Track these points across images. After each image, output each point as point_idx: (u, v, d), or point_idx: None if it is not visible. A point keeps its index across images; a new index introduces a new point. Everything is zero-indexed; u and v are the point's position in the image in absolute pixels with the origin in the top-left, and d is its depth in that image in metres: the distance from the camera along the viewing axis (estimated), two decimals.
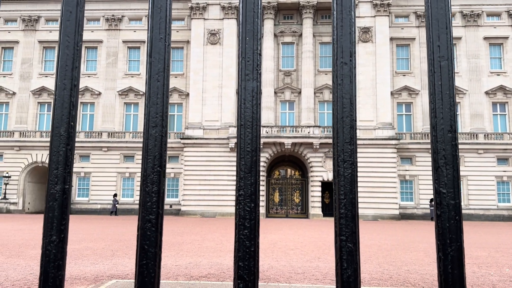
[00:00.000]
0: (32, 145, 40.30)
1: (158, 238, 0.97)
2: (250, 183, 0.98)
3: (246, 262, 0.94)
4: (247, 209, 0.97)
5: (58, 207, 0.96)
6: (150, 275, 0.94)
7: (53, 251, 0.93)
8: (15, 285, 7.71)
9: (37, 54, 42.29)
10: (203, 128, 38.15)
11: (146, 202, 0.98)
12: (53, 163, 0.97)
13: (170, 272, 9.46)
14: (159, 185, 0.98)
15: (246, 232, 0.96)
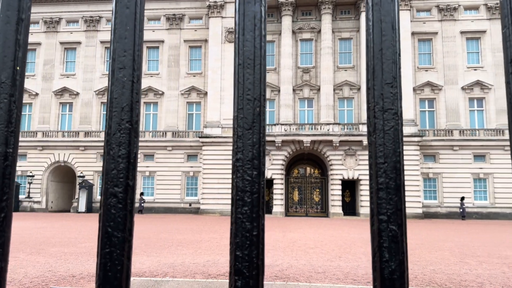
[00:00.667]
0: (54, 145, 41.05)
1: (127, 218, 0.72)
2: (251, 143, 0.72)
3: (245, 251, 0.69)
4: (247, 179, 0.72)
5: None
6: (115, 267, 0.70)
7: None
8: (33, 282, 7.70)
9: (58, 55, 43.08)
10: (221, 127, 38.07)
11: (110, 169, 0.74)
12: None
13: (188, 270, 9.35)
14: (128, 147, 0.73)
15: (246, 210, 0.71)
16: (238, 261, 0.69)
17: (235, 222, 0.71)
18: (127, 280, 0.71)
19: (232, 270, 0.70)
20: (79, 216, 33.17)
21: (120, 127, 0.73)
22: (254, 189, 0.71)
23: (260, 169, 0.72)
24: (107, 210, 0.73)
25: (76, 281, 7.99)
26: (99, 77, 42.38)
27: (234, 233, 0.70)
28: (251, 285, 0.68)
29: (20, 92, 0.77)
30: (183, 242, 15.12)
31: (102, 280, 0.70)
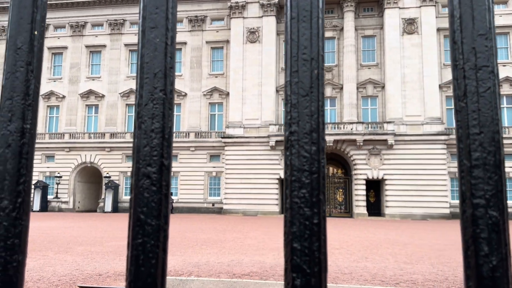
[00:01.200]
0: (81, 146, 42.01)
1: (162, 203, 0.61)
2: (308, 112, 0.60)
3: (305, 242, 0.57)
4: (304, 155, 0.60)
5: (12, 156, 0.63)
6: (149, 261, 0.60)
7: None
8: (61, 280, 7.81)
9: (84, 58, 44.09)
10: (243, 127, 38.08)
11: (142, 146, 0.63)
12: (6, 90, 0.64)
13: (213, 270, 9.32)
14: (163, 120, 0.63)
15: (304, 193, 0.59)
16: (296, 254, 0.57)
17: (291, 208, 0.59)
18: (162, 276, 0.61)
19: (289, 265, 0.58)
20: (105, 216, 33.81)
21: (152, 97, 0.63)
22: (314, 168, 0.59)
23: (320, 144, 0.61)
24: (139, 193, 0.63)
25: (103, 279, 8.07)
26: (124, 80, 43.14)
27: (289, 221, 0.59)
28: (312, 284, 0.56)
29: (38, 60, 0.68)
30: (207, 241, 15.15)
31: (134, 276, 0.60)
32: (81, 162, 42.08)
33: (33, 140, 0.69)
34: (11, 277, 0.65)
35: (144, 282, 0.60)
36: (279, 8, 39.68)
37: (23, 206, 0.66)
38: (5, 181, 0.66)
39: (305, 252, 0.57)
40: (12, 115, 0.67)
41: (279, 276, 8.67)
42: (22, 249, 0.66)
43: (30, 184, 0.69)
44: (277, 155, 37.01)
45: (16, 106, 0.67)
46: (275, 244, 14.62)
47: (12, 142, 0.66)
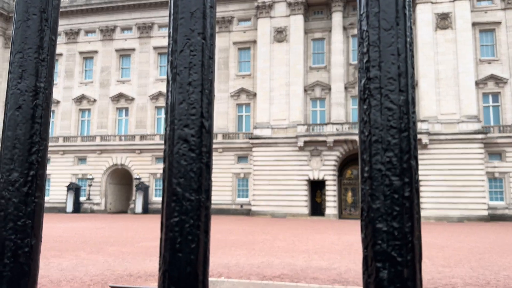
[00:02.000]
0: (112, 149, 42.99)
1: (202, 174, 0.49)
2: (393, 50, 0.46)
3: (394, 222, 0.43)
4: (389, 107, 0.47)
5: (23, 119, 0.52)
6: (188, 245, 0.47)
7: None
8: (93, 280, 7.94)
9: (114, 62, 45.15)
10: (271, 128, 37.88)
11: (177, 102, 0.51)
12: (16, 42, 0.53)
13: (243, 271, 9.25)
14: (201, 71, 0.50)
15: (390, 156, 0.45)
16: (382, 238, 0.44)
17: (370, 176, 0.45)
18: (205, 264, 0.48)
19: (370, 252, 0.45)
20: (136, 217, 34.43)
21: (189, 41, 0.51)
22: (403, 124, 0.46)
23: (408, 92, 0.47)
24: (174, 161, 0.51)
25: (134, 280, 8.13)
26: (153, 82, 43.86)
27: (369, 194, 0.45)
28: (405, 275, 0.43)
29: (54, 8, 0.57)
30: (236, 243, 15.09)
31: (170, 263, 0.48)
32: (112, 164, 43.04)
33: (49, 102, 0.58)
34: (23, 265, 0.54)
35: (181, 271, 0.48)
36: (306, 6, 39.28)
37: (36, 180, 0.56)
38: (15, 150, 0.56)
39: (393, 234, 0.44)
40: (23, 71, 0.56)
41: (311, 279, 8.48)
42: (35, 231, 0.55)
43: (45, 154, 0.58)
44: (306, 156, 36.60)
45: (28, 60, 0.56)
46: (305, 246, 14.40)
47: (23, 103, 0.56)
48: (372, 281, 0.45)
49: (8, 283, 0.53)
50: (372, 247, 0.45)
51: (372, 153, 0.47)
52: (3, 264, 0.54)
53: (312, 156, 36.44)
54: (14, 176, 0.55)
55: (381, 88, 0.48)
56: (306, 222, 29.85)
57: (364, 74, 0.49)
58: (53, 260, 10.21)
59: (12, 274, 0.54)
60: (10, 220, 0.54)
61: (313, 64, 39.03)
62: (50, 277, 8.11)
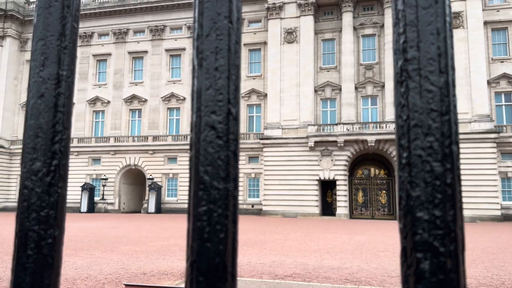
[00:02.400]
0: (125, 149, 43.42)
1: (230, 162, 0.48)
2: (434, 30, 0.43)
3: (436, 210, 0.41)
4: (430, 89, 0.44)
5: (45, 108, 0.51)
6: (217, 235, 0.46)
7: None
8: (108, 279, 7.99)
9: (127, 64, 45.61)
10: (281, 128, 37.84)
11: (204, 88, 0.49)
12: (38, 29, 0.52)
13: (255, 270, 9.24)
14: (228, 56, 0.49)
15: (431, 141, 0.43)
16: (423, 227, 0.41)
17: (409, 163, 0.43)
18: (233, 255, 0.47)
19: (409, 243, 0.42)
20: (149, 217, 34.67)
21: (215, 25, 0.49)
22: (443, 107, 0.43)
23: (449, 74, 0.44)
24: (201, 149, 0.50)
25: (147, 278, 8.16)
26: (165, 84, 44.24)
27: (408, 182, 0.43)
28: (448, 267, 0.40)
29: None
30: (248, 242, 15.09)
31: (198, 254, 0.46)
32: (125, 165, 43.44)
33: (71, 91, 0.58)
34: (46, 257, 0.53)
35: (210, 262, 0.47)
36: (316, 7, 39.17)
37: (59, 171, 0.55)
38: (38, 139, 0.55)
39: (435, 223, 0.41)
40: (46, 59, 0.56)
41: (323, 278, 8.44)
42: (58, 222, 0.54)
43: (68, 144, 0.57)
44: (316, 156, 36.47)
45: (51, 48, 0.56)
46: (316, 245, 14.34)
47: (45, 91, 0.56)
48: (412, 272, 0.42)
49: (31, 275, 0.52)
50: (412, 237, 0.43)
51: (411, 138, 0.45)
52: (26, 255, 0.53)
53: (323, 156, 36.29)
54: (37, 165, 0.55)
55: (420, 70, 0.45)
56: (317, 221, 29.73)
57: (400, 55, 0.47)
58: (68, 259, 10.31)
59: (35, 266, 0.53)
60: (33, 211, 0.53)
61: (323, 65, 38.89)
62: (65, 275, 8.19)
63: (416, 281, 0.43)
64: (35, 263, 0.53)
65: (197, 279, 0.47)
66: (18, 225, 0.54)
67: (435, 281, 0.42)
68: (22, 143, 0.57)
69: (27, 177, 0.54)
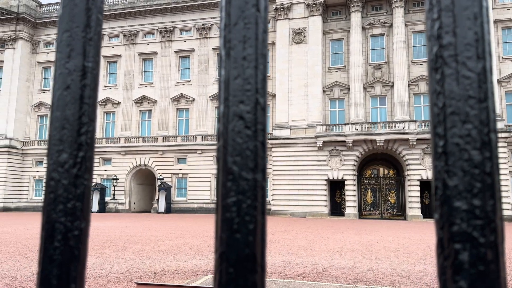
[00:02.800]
0: (136, 150, 43.76)
1: (258, 152, 0.47)
2: (471, 15, 0.42)
3: (475, 199, 0.40)
4: (467, 75, 0.44)
5: (72, 99, 0.51)
6: (246, 226, 0.45)
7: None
8: (119, 278, 8.04)
9: (137, 66, 45.95)
10: (290, 128, 37.79)
11: (232, 78, 0.50)
12: (63, 20, 0.52)
13: None
14: (256, 45, 0.48)
15: (469, 129, 0.42)
16: (461, 217, 0.40)
17: (448, 152, 0.41)
18: (262, 247, 0.46)
19: (446, 234, 0.41)
20: (159, 216, 34.86)
21: (243, 14, 0.49)
22: (482, 95, 0.42)
23: (486, 60, 0.43)
24: (230, 139, 0.50)
25: (158, 277, 8.17)
26: (174, 85, 44.50)
27: (445, 171, 0.41)
28: (488, 258, 0.39)
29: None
30: None
31: (227, 245, 0.46)
32: (136, 165, 43.77)
33: (96, 83, 0.57)
34: (73, 249, 0.53)
35: (240, 253, 0.46)
36: (325, 7, 39.04)
37: (85, 162, 0.55)
38: (64, 130, 0.55)
39: (474, 213, 0.41)
40: (71, 50, 0.55)
41: (333, 278, 8.40)
42: (84, 214, 0.54)
43: (93, 136, 0.58)
44: (325, 156, 36.35)
45: (76, 39, 0.55)
46: (326, 245, 14.27)
47: (71, 82, 0.55)
48: (450, 264, 0.41)
49: (58, 267, 0.52)
50: (449, 227, 0.42)
51: (448, 126, 0.43)
52: (53, 247, 0.53)
53: (331, 156, 36.17)
54: (63, 157, 0.54)
55: (457, 55, 0.44)
56: (326, 221, 29.62)
57: (435, 41, 0.46)
58: None
59: (62, 258, 0.53)
60: (60, 202, 0.53)
61: (331, 65, 38.76)
62: None
63: (455, 273, 0.42)
64: (62, 255, 0.53)
65: (226, 270, 0.47)
66: (45, 217, 0.54)
67: (474, 273, 0.41)
68: (48, 134, 0.57)
69: (54, 169, 0.54)
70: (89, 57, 0.56)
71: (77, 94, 0.55)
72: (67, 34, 0.56)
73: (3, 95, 46.67)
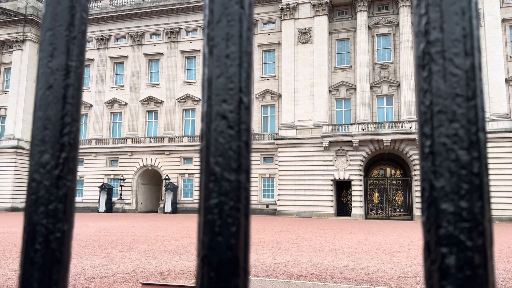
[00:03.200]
0: (142, 150, 43.94)
1: (242, 152, 0.46)
2: (458, 9, 0.41)
3: (462, 201, 0.40)
4: (454, 73, 0.43)
5: (54, 99, 0.50)
6: (228, 229, 0.44)
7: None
8: (125, 277, 8.04)
9: (143, 66, 46.13)
10: (296, 128, 37.70)
11: (214, 76, 0.48)
12: (46, 19, 0.51)
13: (270, 270, 9.19)
14: (240, 43, 0.47)
15: (457, 128, 0.42)
16: (447, 219, 0.38)
17: (435, 152, 0.40)
18: (245, 250, 0.44)
19: (433, 236, 0.39)
20: (165, 216, 34.95)
21: (226, 11, 0.48)
22: (469, 92, 0.40)
23: (475, 56, 0.41)
24: (212, 139, 0.48)
25: (164, 277, 8.16)
26: (180, 86, 44.63)
27: (432, 172, 0.40)
28: (475, 262, 0.37)
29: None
30: (263, 242, 15.02)
31: (209, 248, 0.44)
32: (142, 165, 43.95)
33: (80, 82, 0.56)
34: (55, 251, 0.52)
35: (222, 257, 0.45)
36: (331, 7, 38.92)
37: (68, 163, 0.54)
38: (46, 131, 0.54)
39: (461, 215, 0.39)
40: (54, 49, 0.55)
41: (338, 279, 8.34)
42: (67, 216, 0.53)
43: (77, 137, 0.56)
44: (331, 156, 36.23)
45: (59, 38, 0.55)
46: (332, 246, 14.20)
47: (54, 82, 0.54)
48: (437, 268, 0.39)
49: (39, 270, 0.51)
50: (435, 230, 0.40)
51: (435, 125, 0.42)
52: (34, 249, 0.52)
53: (338, 156, 36.03)
54: (45, 158, 0.53)
55: (444, 52, 0.42)
56: (332, 222, 29.50)
57: (423, 38, 0.44)
58: (86, 258, 10.43)
59: (44, 261, 0.52)
60: (41, 204, 0.52)
61: (337, 65, 38.63)
62: (83, 274, 8.28)
63: (441, 277, 0.40)
64: (43, 257, 0.52)
65: (208, 275, 0.46)
66: (27, 219, 0.53)
67: (461, 277, 0.40)
68: (31, 135, 0.56)
69: (35, 170, 0.53)
70: (72, 56, 0.55)
71: (60, 93, 0.54)
72: (49, 32, 0.55)
73: (11, 96, 47.09)
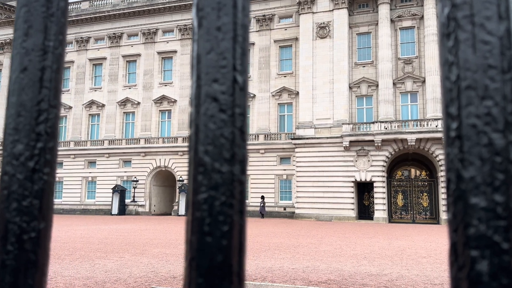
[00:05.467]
0: (155, 151, 43.15)
1: (235, 140, 0.43)
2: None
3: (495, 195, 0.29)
4: (486, 40, 0.32)
5: (29, 82, 0.51)
6: (219, 227, 0.40)
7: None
8: (137, 282, 7.67)
9: (156, 65, 45.39)
10: (314, 127, 36.33)
11: (204, 52, 0.46)
12: None
13: (287, 275, 8.46)
14: (234, 13, 0.45)
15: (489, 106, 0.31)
16: (478, 217, 0.33)
17: (460, 135, 0.31)
18: (240, 252, 0.38)
19: (461, 238, 0.33)
20: (179, 219, 34.14)
21: None
22: (505, 63, 0.33)
23: (510, 20, 0.35)
24: (201, 124, 0.42)
25: (177, 282, 7.81)
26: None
27: (459, 159, 0.33)
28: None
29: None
30: (280, 246, 14.22)
31: (198, 250, 0.39)
32: (156, 166, 43.22)
33: (60, 64, 0.51)
34: (29, 253, 0.47)
35: (212, 260, 0.39)
36: (351, 0, 37.45)
37: (44, 155, 0.48)
38: (20, 118, 0.49)
39: (495, 211, 0.33)
40: (29, 27, 0.50)
41: (360, 285, 7.52)
42: (44, 214, 0.47)
43: (56, 125, 0.50)
44: (352, 156, 34.73)
45: (35, 14, 0.50)
46: (353, 251, 13.13)
47: (28, 63, 0.50)
48: (465, 275, 0.33)
49: (12, 273, 0.46)
50: (464, 230, 0.34)
51: (462, 103, 0.35)
52: (5, 251, 0.46)
53: (359, 156, 34.51)
54: (18, 148, 0.48)
55: (473, 16, 0.35)
56: (353, 225, 28.04)
57: (447, 0, 0.36)
58: (98, 262, 10.11)
59: (16, 263, 0.46)
60: (14, 200, 0.47)
61: (358, 60, 37.10)
62: (95, 278, 7.95)
63: (471, 286, 0.34)
64: (16, 260, 0.46)
65: (196, 280, 0.39)
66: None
67: (495, 287, 0.34)
68: (4, 123, 0.51)
69: (8, 162, 0.49)
70: (50, 35, 0.50)
71: (36, 76, 0.49)
72: (24, 9, 0.49)
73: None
